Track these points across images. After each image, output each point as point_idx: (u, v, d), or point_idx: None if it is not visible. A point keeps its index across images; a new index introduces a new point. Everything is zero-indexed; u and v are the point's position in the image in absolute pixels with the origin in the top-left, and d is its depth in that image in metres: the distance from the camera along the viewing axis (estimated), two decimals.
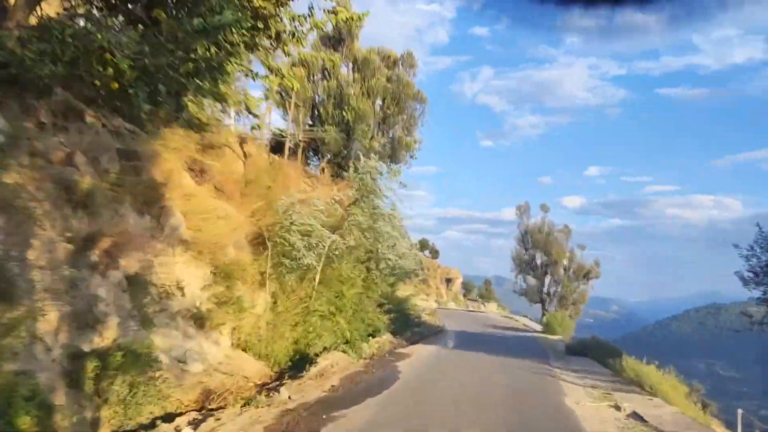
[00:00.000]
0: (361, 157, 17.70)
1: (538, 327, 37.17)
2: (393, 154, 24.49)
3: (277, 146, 19.85)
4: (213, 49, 7.24)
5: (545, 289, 48.52)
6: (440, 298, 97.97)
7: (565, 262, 47.26)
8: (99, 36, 6.32)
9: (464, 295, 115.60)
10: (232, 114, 14.89)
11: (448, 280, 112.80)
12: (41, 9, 7.52)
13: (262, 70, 10.78)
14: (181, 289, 8.04)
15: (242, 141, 13.75)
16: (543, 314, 46.56)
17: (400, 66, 25.45)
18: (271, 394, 8.39)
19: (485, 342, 21.69)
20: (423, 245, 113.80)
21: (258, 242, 11.15)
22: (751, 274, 14.34)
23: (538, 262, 49.48)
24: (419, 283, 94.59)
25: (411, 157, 25.72)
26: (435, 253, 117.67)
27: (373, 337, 15.68)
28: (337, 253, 12.63)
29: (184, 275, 8.22)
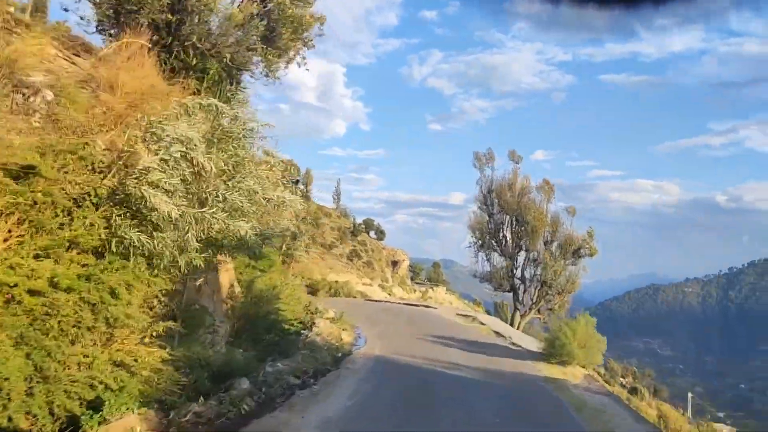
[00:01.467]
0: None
1: (529, 342, 20.12)
2: (272, 35, 12.23)
3: None
4: None
5: (517, 272, 34.85)
6: (385, 282, 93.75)
7: (547, 232, 33.36)
8: None
9: (411, 279, 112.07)
10: None
11: (394, 263, 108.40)
12: None
13: None
14: None
15: None
16: (515, 309, 34.33)
17: None
18: None
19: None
20: (368, 225, 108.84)
21: None
22: None
23: (508, 234, 35.11)
24: (363, 266, 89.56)
25: (305, 45, 13.05)
26: (381, 234, 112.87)
27: (97, 412, 5.83)
28: None
29: None
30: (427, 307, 29.72)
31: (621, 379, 45.20)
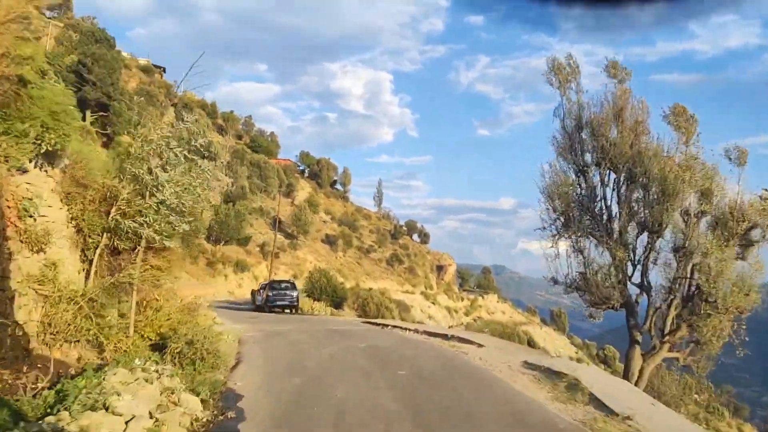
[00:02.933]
0: None
1: None
2: None
3: None
4: None
5: (634, 273, 18.29)
6: (428, 290, 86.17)
7: (692, 198, 17.17)
8: None
9: (460, 285, 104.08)
10: None
11: (439, 268, 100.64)
12: None
13: None
14: None
15: None
16: (632, 341, 18.33)
17: None
18: None
19: None
20: (411, 228, 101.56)
21: None
22: None
23: (613, 203, 18.50)
24: (404, 272, 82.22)
25: None
26: (425, 237, 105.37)
27: None
28: None
29: None
30: (468, 342, 15.56)
31: (695, 395, 35.91)
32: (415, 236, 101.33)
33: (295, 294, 26.74)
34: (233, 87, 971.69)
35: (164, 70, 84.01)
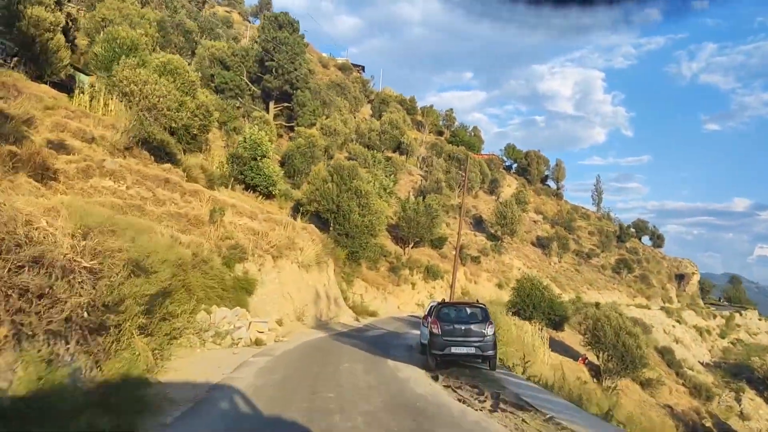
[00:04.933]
0: None
1: None
2: None
3: None
4: None
5: None
6: (668, 303, 70.07)
7: None
8: None
9: (702, 299, 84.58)
10: None
11: (680, 277, 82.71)
12: None
13: None
14: None
15: None
16: None
17: None
18: None
19: None
20: (640, 229, 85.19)
21: None
22: None
23: None
24: (634, 281, 67.85)
25: None
26: (658, 240, 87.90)
27: None
28: None
29: None
30: None
31: None
32: (645, 239, 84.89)
33: (488, 331, 11.97)
34: (440, 97, 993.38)
35: (363, 69, 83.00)
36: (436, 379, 10.54)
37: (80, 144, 14.05)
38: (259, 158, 27.85)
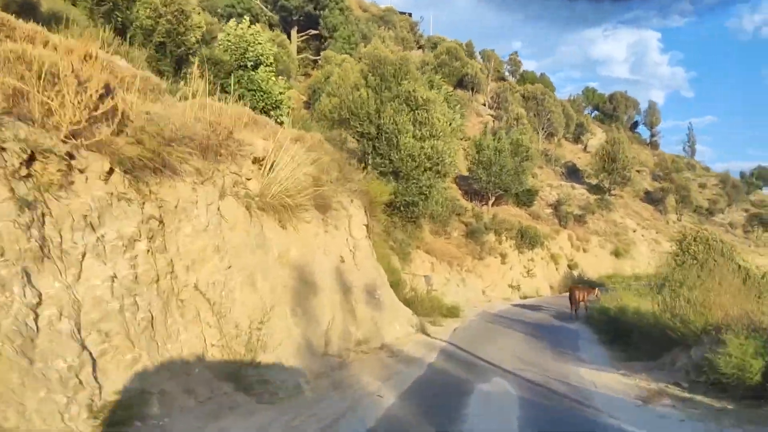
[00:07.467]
0: None
1: None
2: None
3: None
4: None
5: None
6: None
7: None
8: None
9: None
10: None
11: None
12: None
13: None
14: None
15: None
16: None
17: None
18: None
19: None
20: (763, 177, 69.79)
21: None
22: None
23: None
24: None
25: None
26: None
27: None
28: None
29: None
30: None
31: None
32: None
33: None
34: None
35: (410, 15, 71.46)
36: None
37: None
38: (250, 67, 17.39)
